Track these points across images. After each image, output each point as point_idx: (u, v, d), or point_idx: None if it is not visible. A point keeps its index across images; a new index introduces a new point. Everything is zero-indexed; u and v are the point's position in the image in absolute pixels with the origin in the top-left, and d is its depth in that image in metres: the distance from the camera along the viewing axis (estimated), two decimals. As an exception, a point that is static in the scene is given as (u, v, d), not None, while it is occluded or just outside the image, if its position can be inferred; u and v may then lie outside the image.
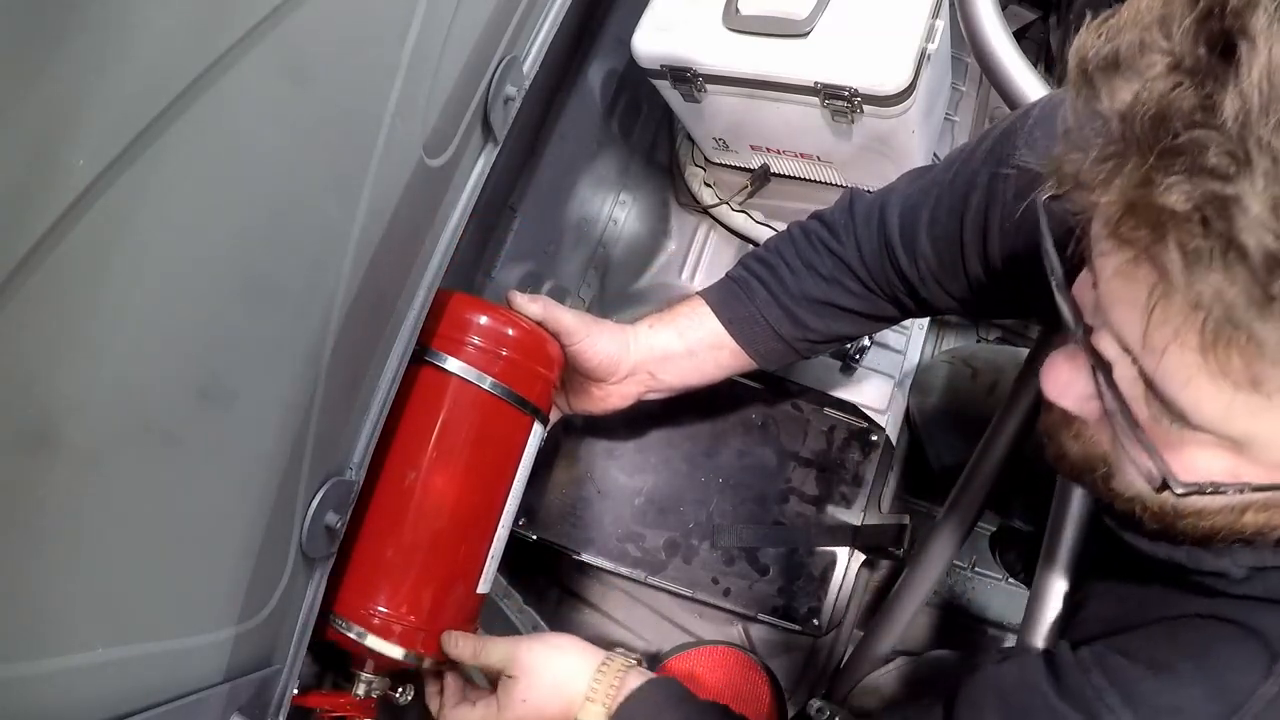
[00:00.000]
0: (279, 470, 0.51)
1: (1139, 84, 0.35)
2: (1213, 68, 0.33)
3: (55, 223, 0.32)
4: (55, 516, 0.36)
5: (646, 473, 1.13)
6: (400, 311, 0.60)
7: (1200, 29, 0.34)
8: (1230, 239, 0.32)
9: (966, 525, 0.88)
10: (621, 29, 1.16)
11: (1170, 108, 0.33)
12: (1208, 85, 0.33)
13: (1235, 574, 0.51)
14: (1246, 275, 0.32)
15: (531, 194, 1.13)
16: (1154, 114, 0.34)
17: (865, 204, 0.78)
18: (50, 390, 0.35)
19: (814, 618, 1.11)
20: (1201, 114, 0.33)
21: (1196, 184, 0.32)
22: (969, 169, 0.68)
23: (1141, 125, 0.34)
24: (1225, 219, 0.32)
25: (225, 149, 0.40)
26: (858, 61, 1.00)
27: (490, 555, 0.76)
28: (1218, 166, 0.32)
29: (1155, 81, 0.34)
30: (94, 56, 0.33)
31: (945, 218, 0.70)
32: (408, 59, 0.51)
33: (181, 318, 0.40)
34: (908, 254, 0.73)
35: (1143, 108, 0.34)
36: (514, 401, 0.73)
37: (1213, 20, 0.33)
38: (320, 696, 0.72)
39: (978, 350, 1.27)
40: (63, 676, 0.38)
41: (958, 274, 0.72)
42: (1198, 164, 0.32)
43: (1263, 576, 0.51)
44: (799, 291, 0.78)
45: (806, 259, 0.78)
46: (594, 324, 0.79)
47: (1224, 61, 0.33)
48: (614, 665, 0.74)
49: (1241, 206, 0.32)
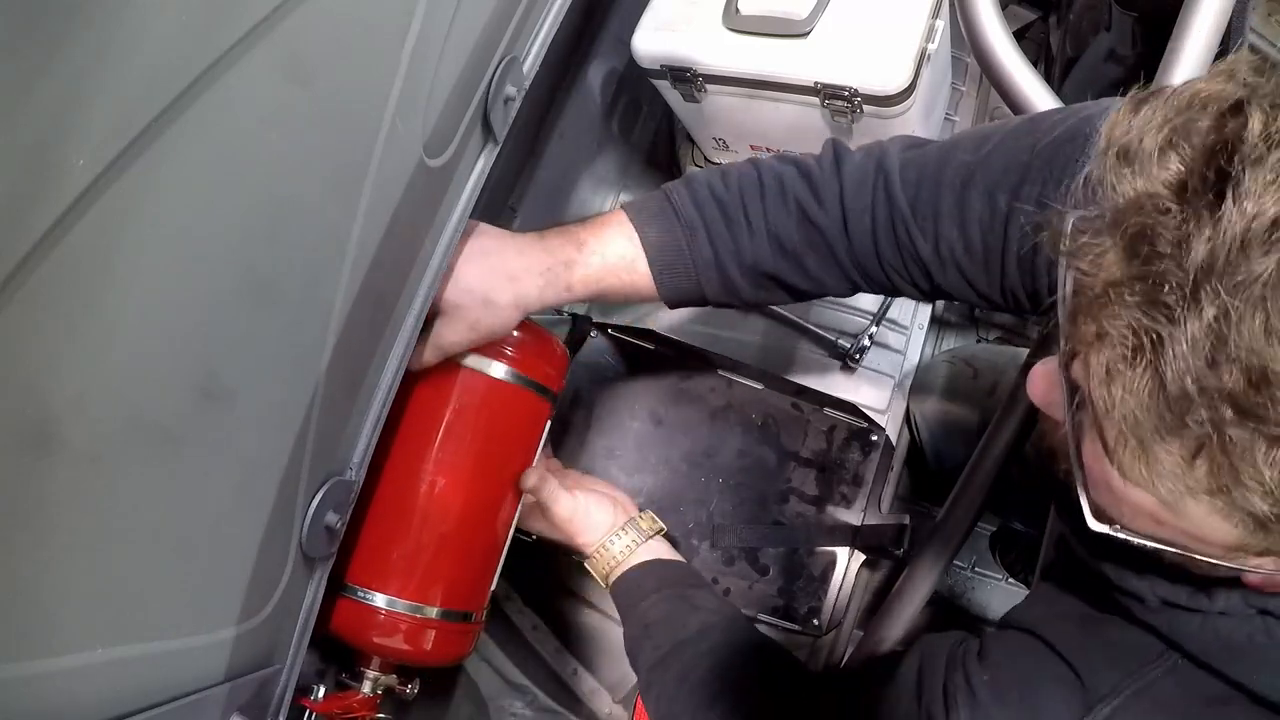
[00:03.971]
0: (279, 470, 0.51)
1: (1143, 184, 0.37)
2: (1201, 204, 0.35)
3: (55, 223, 0.32)
4: (55, 516, 0.36)
5: (646, 473, 1.13)
6: (400, 311, 0.60)
7: (1209, 159, 0.36)
8: (1156, 370, 0.35)
9: (966, 525, 0.88)
10: (621, 29, 1.16)
11: (1154, 230, 0.36)
12: (1189, 223, 0.35)
13: (1150, 601, 0.52)
14: (1160, 405, 0.36)
15: (531, 194, 1.13)
16: (1138, 231, 0.37)
17: (856, 167, 0.68)
18: (50, 390, 0.35)
19: (814, 618, 1.11)
20: (1174, 249, 0.35)
21: (1144, 314, 0.36)
22: (1014, 159, 0.61)
23: (1126, 232, 0.37)
24: (1155, 352, 0.35)
25: (225, 149, 0.40)
26: (858, 61, 1.00)
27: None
28: (1167, 304, 0.35)
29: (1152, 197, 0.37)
30: (94, 57, 0.33)
31: (981, 204, 0.62)
32: (408, 59, 0.51)
33: (181, 318, 0.40)
34: (925, 235, 0.65)
35: (1134, 217, 0.37)
36: (533, 388, 0.77)
37: (1220, 155, 0.35)
38: (331, 700, 0.72)
39: (978, 350, 1.27)
40: (63, 676, 0.38)
41: (993, 266, 0.64)
42: (1151, 296, 0.35)
43: (1171, 614, 0.51)
44: (750, 260, 0.70)
45: (774, 225, 0.69)
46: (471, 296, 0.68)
47: (1215, 201, 0.35)
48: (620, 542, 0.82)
49: (1174, 348, 0.34)
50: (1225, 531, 0.39)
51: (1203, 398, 0.34)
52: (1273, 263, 0.33)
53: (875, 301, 1.27)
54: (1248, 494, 0.35)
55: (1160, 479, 0.38)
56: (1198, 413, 0.35)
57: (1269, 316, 0.33)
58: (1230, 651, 0.49)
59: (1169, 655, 0.52)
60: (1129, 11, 1.01)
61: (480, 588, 0.78)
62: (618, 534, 0.82)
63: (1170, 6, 0.83)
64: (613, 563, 0.82)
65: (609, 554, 0.82)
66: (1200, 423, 0.35)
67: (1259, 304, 0.33)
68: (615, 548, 0.82)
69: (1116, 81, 1.13)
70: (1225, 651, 0.49)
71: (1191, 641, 0.50)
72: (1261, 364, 0.33)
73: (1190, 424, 0.35)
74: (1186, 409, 0.35)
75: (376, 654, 0.72)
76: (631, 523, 0.84)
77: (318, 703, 0.66)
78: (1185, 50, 0.80)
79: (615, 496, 0.87)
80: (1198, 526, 0.40)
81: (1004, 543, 1.39)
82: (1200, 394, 0.34)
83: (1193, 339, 0.34)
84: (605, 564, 0.82)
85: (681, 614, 0.77)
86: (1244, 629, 0.48)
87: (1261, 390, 0.33)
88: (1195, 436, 0.35)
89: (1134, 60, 1.07)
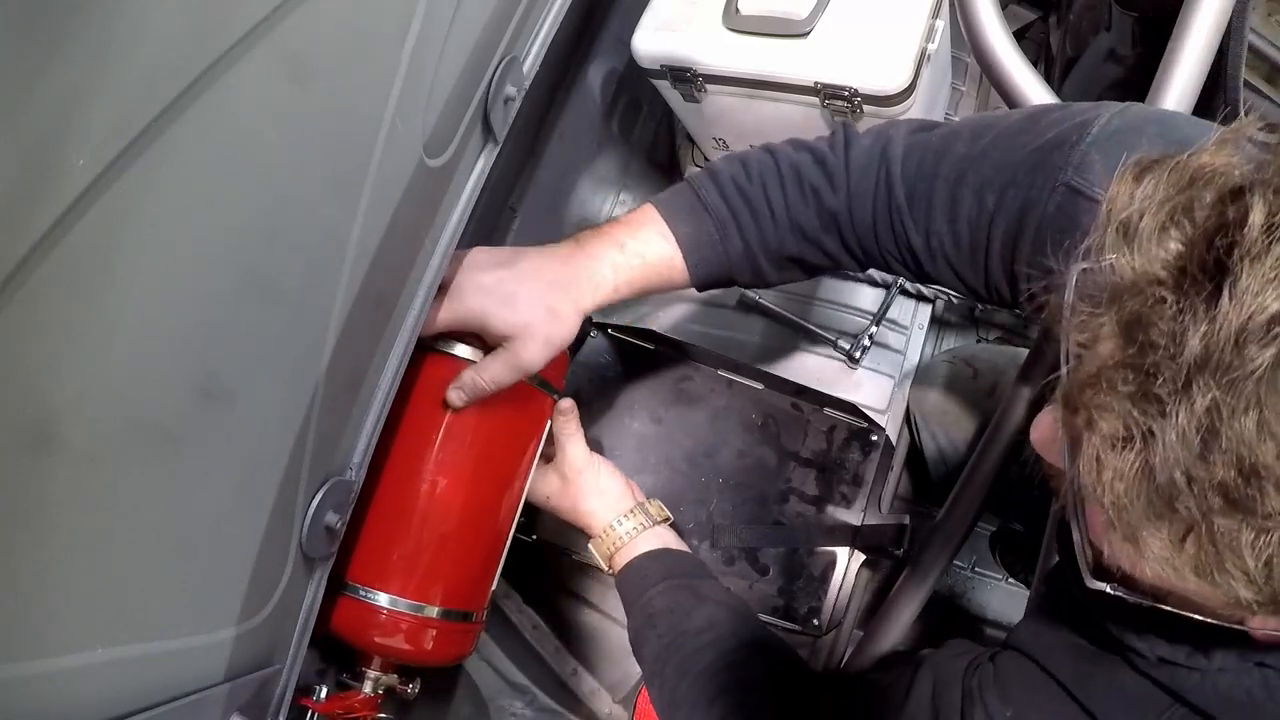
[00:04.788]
0: (279, 470, 0.51)
1: (1141, 263, 0.37)
2: (1198, 296, 0.35)
3: (55, 223, 0.32)
4: (55, 516, 0.36)
5: (646, 473, 1.13)
6: (400, 311, 0.60)
7: (1208, 246, 0.35)
8: (1146, 461, 0.35)
9: (966, 525, 0.88)
10: (621, 29, 1.16)
11: (1149, 319, 0.36)
12: (1185, 315, 0.35)
13: (1150, 658, 0.51)
14: (1150, 493, 0.36)
15: (531, 194, 1.13)
16: (1134, 319, 0.37)
17: (862, 151, 0.70)
18: (50, 390, 0.35)
19: (814, 618, 1.11)
20: (1168, 340, 0.35)
21: (1136, 406, 0.36)
22: (1006, 159, 0.63)
23: (1123, 317, 0.37)
24: (1146, 443, 0.35)
25: (225, 149, 0.40)
26: (858, 61, 1.00)
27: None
28: (1159, 396, 0.35)
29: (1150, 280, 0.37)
30: (94, 57, 0.33)
31: (971, 201, 0.64)
32: (408, 59, 0.51)
33: (181, 318, 0.40)
34: (919, 227, 0.68)
35: (1130, 302, 0.37)
36: (534, 384, 0.78)
37: (1219, 245, 0.35)
38: (333, 700, 0.72)
39: (978, 350, 1.27)
40: (63, 676, 0.38)
41: (977, 262, 0.67)
42: (1144, 387, 0.36)
43: (1171, 670, 0.51)
44: (776, 246, 0.73)
45: (795, 215, 0.72)
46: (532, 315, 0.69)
47: (1213, 294, 0.35)
48: (627, 524, 0.82)
49: (1165, 438, 0.35)
50: (1217, 599, 0.39)
51: (1192, 487, 0.35)
52: (1267, 358, 0.33)
53: (875, 301, 1.27)
54: (1232, 581, 0.36)
55: (1149, 561, 0.38)
56: (1186, 501, 0.35)
57: (1262, 411, 0.33)
58: (1230, 706, 0.49)
59: (1177, 708, 0.51)
60: (1129, 11, 1.01)
61: (481, 587, 0.78)
62: (625, 516, 0.82)
63: (1170, 6, 0.84)
64: (618, 543, 0.82)
65: (615, 534, 0.82)
66: (1189, 509, 0.35)
67: (1252, 399, 0.33)
68: (622, 529, 0.82)
69: (1116, 81, 1.13)
70: (1227, 705, 0.49)
71: (1194, 695, 0.50)
72: (1253, 458, 0.33)
73: (1179, 509, 0.35)
74: (1175, 497, 0.35)
75: (377, 653, 0.72)
76: (640, 507, 0.84)
77: (319, 703, 0.66)
78: (1185, 50, 0.80)
79: (627, 479, 0.87)
80: (1192, 593, 0.40)
81: (1004, 543, 1.39)
82: (1190, 484, 0.35)
83: (1183, 432, 0.34)
84: (610, 544, 0.82)
85: (687, 605, 0.77)
86: (1243, 684, 0.48)
87: (1251, 482, 0.34)
88: (1184, 521, 0.36)
89: (1134, 60, 1.07)
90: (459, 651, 0.76)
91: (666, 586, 0.78)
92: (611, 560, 0.82)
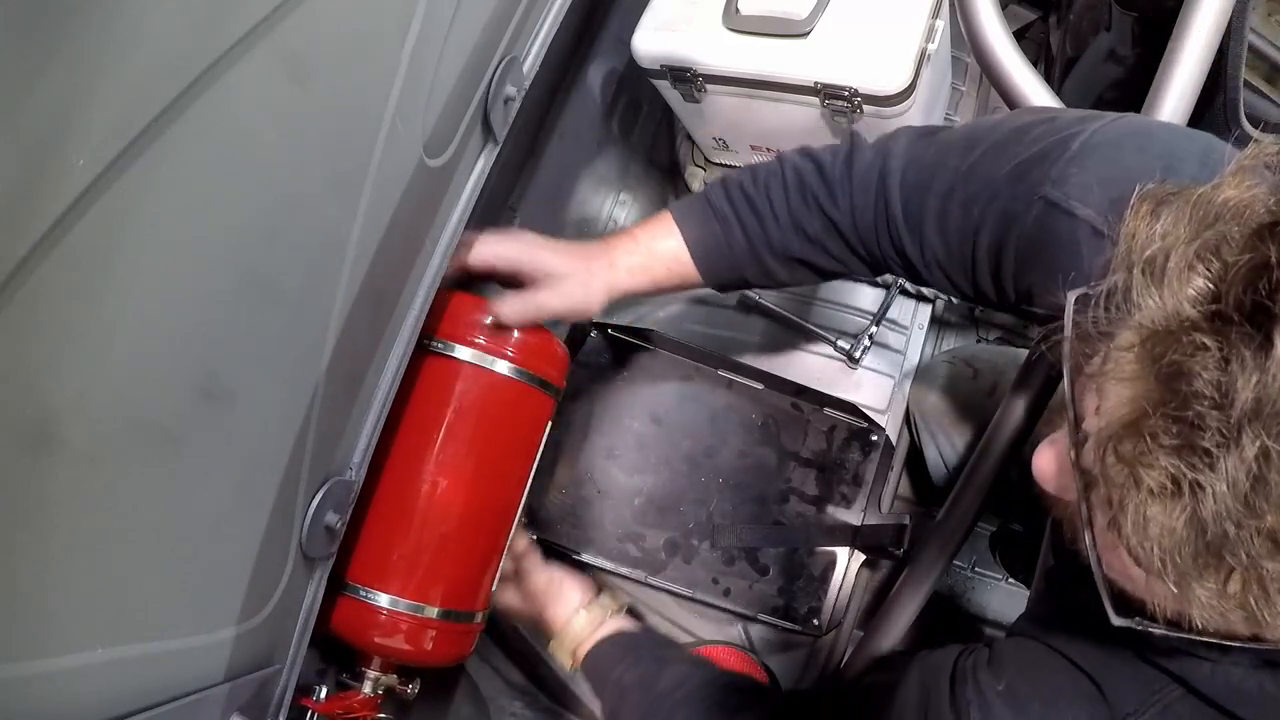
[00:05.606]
0: (279, 470, 0.51)
1: (1171, 302, 0.36)
2: (1244, 343, 0.34)
3: (55, 223, 0.32)
4: (55, 516, 0.36)
5: (646, 473, 1.13)
6: (400, 311, 0.60)
7: (1245, 287, 0.34)
8: (1195, 514, 0.35)
9: (966, 525, 0.88)
10: (621, 29, 1.16)
11: (1190, 369, 0.35)
12: (1233, 364, 0.34)
13: (1160, 646, 0.51)
14: (1198, 545, 0.35)
15: (531, 194, 1.13)
16: (1172, 371, 0.35)
17: (865, 164, 0.73)
18: (50, 390, 0.35)
19: (814, 618, 1.11)
20: (1214, 390, 0.34)
21: (1182, 460, 0.35)
22: (993, 174, 0.64)
23: (1161, 367, 0.36)
24: (1194, 496, 0.35)
25: (225, 149, 0.40)
26: (858, 61, 1.00)
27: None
28: (1207, 449, 0.34)
29: (1182, 322, 0.36)
30: (94, 56, 0.33)
31: (959, 214, 0.66)
32: (408, 59, 0.51)
33: (181, 318, 0.40)
34: (913, 238, 0.71)
35: (1165, 349, 0.36)
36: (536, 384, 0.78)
37: (1258, 286, 0.34)
38: (333, 700, 0.72)
39: (978, 351, 1.27)
40: (63, 676, 0.38)
41: (966, 273, 0.69)
42: (1190, 440, 0.34)
43: (1181, 660, 0.51)
44: (780, 247, 0.77)
45: (796, 217, 0.75)
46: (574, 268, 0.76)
47: (1264, 342, 0.33)
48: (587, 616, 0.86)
49: (1214, 489, 0.34)
50: (1254, 630, 0.39)
51: (1241, 535, 0.34)
52: None
53: (875, 301, 1.27)
54: (1276, 620, 0.36)
55: (1194, 607, 0.38)
56: (1235, 549, 0.35)
57: None
58: (1241, 699, 0.49)
59: (1180, 688, 0.51)
60: (1129, 11, 1.01)
61: (481, 588, 0.78)
62: (584, 611, 0.87)
63: (1170, 6, 0.83)
64: (580, 637, 0.85)
65: (576, 629, 0.86)
66: (1237, 557, 0.35)
67: None
68: (580, 623, 0.86)
69: (1116, 81, 1.12)
70: (1236, 696, 0.49)
71: (1204, 685, 0.50)
72: None
73: (1227, 558, 0.35)
74: (1224, 546, 0.35)
75: (377, 654, 0.72)
76: (594, 602, 0.88)
77: (319, 703, 0.66)
78: (1185, 50, 0.80)
79: (579, 579, 0.91)
80: (1224, 625, 0.40)
81: (1004, 543, 1.39)
82: (1238, 531, 0.34)
83: (1234, 482, 0.34)
84: (573, 639, 0.86)
85: (654, 671, 0.80)
86: (1254, 678, 0.48)
87: None
88: (1231, 568, 0.36)
89: (1134, 60, 1.07)
90: (459, 652, 0.76)
91: (633, 660, 0.81)
92: (576, 654, 0.86)
